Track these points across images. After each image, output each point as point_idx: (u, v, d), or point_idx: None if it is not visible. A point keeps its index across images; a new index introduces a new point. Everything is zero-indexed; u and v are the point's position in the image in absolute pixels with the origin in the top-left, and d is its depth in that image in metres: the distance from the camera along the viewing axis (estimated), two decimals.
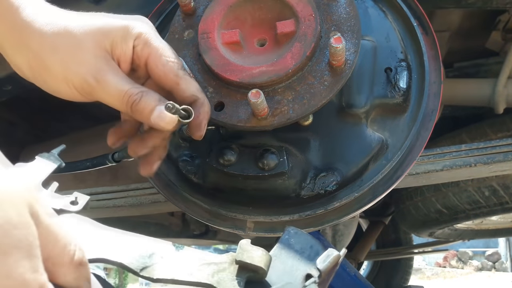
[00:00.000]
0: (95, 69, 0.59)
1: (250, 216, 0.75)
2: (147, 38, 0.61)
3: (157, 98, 0.60)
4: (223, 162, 0.74)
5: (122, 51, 0.61)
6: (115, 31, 0.60)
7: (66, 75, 0.59)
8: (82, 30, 0.59)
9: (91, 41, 0.59)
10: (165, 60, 0.62)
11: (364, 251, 2.82)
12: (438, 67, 0.80)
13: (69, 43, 0.59)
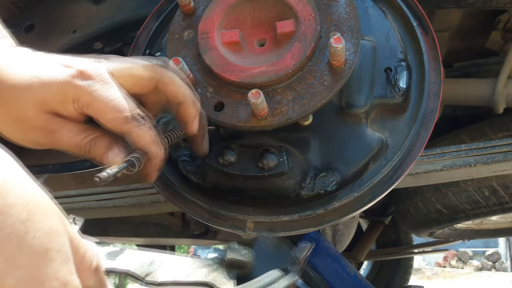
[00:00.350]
0: (44, 133, 0.60)
1: (250, 216, 0.75)
2: (83, 102, 0.59)
3: (104, 146, 0.61)
4: (223, 162, 0.74)
5: (66, 113, 0.60)
6: (51, 99, 0.59)
7: (21, 139, 0.62)
8: (23, 100, 0.58)
9: (32, 109, 0.59)
10: (107, 119, 0.60)
11: (364, 251, 2.82)
12: (438, 67, 0.80)
13: (15, 113, 0.59)
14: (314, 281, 1.39)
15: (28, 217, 0.33)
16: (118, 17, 1.16)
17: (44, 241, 0.34)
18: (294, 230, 0.77)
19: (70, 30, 1.18)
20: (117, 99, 0.60)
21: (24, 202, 0.34)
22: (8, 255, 0.32)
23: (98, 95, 0.59)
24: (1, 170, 0.33)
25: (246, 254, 0.54)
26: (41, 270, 0.34)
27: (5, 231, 0.32)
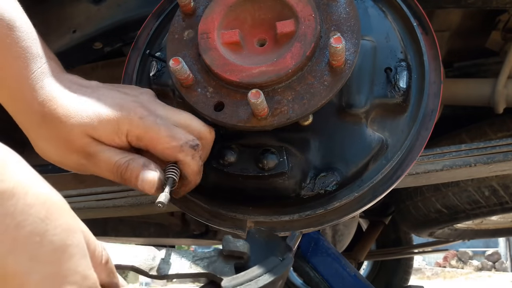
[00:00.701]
0: (85, 155, 0.64)
1: (250, 216, 0.75)
2: (137, 134, 0.64)
3: (141, 163, 0.63)
4: (223, 162, 0.74)
5: (114, 142, 0.64)
6: (103, 127, 0.63)
7: (60, 161, 0.66)
8: (71, 124, 0.62)
9: (79, 132, 0.62)
10: (161, 148, 0.65)
11: (364, 251, 2.82)
12: (438, 67, 0.80)
13: (60, 136, 0.63)
14: (314, 281, 1.39)
15: (47, 215, 0.35)
16: (118, 17, 1.16)
17: (63, 238, 0.36)
18: (294, 230, 0.77)
19: (70, 30, 1.18)
20: (169, 128, 0.65)
21: (42, 201, 0.35)
22: (31, 253, 0.34)
23: (151, 126, 0.64)
24: (17, 172, 0.35)
25: (242, 245, 0.57)
26: (63, 265, 0.36)
27: (27, 229, 0.34)
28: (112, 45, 1.22)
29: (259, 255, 0.59)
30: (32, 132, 0.65)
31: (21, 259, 0.33)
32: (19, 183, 0.34)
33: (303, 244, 1.44)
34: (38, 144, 0.66)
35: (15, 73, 0.61)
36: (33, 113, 0.62)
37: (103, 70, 1.47)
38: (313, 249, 1.42)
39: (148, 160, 0.65)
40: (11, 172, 0.34)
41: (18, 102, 0.63)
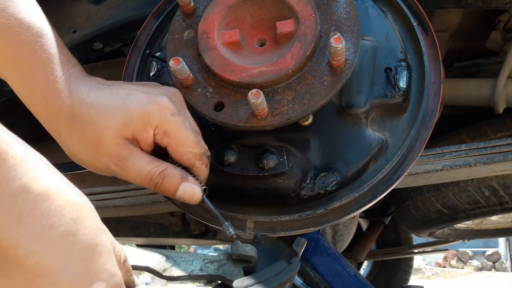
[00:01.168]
0: (116, 158, 0.64)
1: (250, 216, 0.75)
2: (166, 129, 0.65)
3: (179, 177, 0.65)
4: (223, 162, 0.74)
5: (143, 138, 0.65)
6: (135, 122, 0.64)
7: (91, 164, 0.67)
8: (104, 123, 0.63)
9: (111, 133, 0.63)
10: (184, 151, 0.66)
11: (364, 251, 2.82)
12: (438, 67, 0.80)
13: (91, 137, 0.64)
14: (314, 281, 1.39)
15: (78, 216, 0.38)
16: (118, 17, 1.16)
17: (93, 237, 0.38)
18: (294, 230, 0.77)
19: (70, 30, 1.18)
20: (196, 135, 0.68)
21: (72, 203, 0.38)
22: (65, 251, 0.36)
23: (181, 126, 0.65)
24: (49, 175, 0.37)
25: (250, 249, 0.59)
26: (94, 263, 0.38)
27: (61, 229, 0.36)
28: (112, 45, 1.22)
29: (266, 259, 0.61)
30: (63, 135, 0.65)
31: (56, 256, 0.35)
32: (52, 185, 0.36)
33: None
34: (69, 148, 0.66)
35: (44, 79, 0.63)
36: (63, 116, 0.64)
37: (103, 70, 1.47)
38: (313, 249, 1.42)
39: (183, 171, 0.66)
40: (44, 175, 0.36)
41: (47, 107, 0.64)
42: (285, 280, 0.57)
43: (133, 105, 0.64)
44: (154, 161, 0.65)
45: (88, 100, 0.64)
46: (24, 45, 0.62)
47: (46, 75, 0.63)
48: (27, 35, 0.61)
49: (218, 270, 0.56)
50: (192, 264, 0.56)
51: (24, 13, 0.61)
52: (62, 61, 0.65)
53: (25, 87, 0.64)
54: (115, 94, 0.65)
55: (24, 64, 0.62)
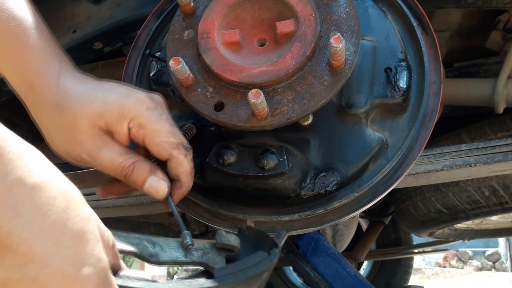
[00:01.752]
0: (89, 147, 0.66)
1: (250, 216, 0.75)
2: (140, 122, 0.66)
3: (147, 170, 0.66)
4: (223, 162, 0.74)
5: (117, 130, 0.67)
6: (109, 113, 0.66)
7: (65, 149, 0.68)
8: (80, 110, 0.66)
9: (86, 121, 0.65)
10: (159, 141, 0.66)
11: (364, 251, 2.82)
12: (438, 67, 0.80)
13: (69, 123, 0.66)
14: (314, 281, 1.39)
15: (68, 206, 0.40)
16: (118, 17, 1.16)
17: (81, 225, 0.41)
18: (294, 230, 0.77)
19: (70, 30, 1.18)
20: (171, 125, 0.68)
21: (63, 194, 0.40)
22: (55, 238, 0.39)
23: (156, 118, 0.67)
24: (42, 167, 0.40)
25: (233, 239, 0.61)
26: (81, 248, 0.41)
27: (52, 218, 0.39)
28: (112, 45, 1.22)
29: (248, 250, 0.64)
30: (44, 121, 0.68)
31: (46, 243, 0.38)
32: (45, 178, 0.39)
33: (303, 244, 1.44)
34: (48, 134, 0.68)
35: (36, 69, 0.66)
36: (47, 103, 0.66)
37: (103, 70, 1.47)
38: (313, 249, 1.42)
39: (154, 165, 0.67)
40: (38, 169, 0.39)
41: (35, 94, 0.66)
42: (263, 270, 0.60)
43: (111, 97, 0.66)
44: (126, 152, 0.67)
45: (72, 90, 0.67)
46: (19, 38, 0.65)
47: (38, 65, 0.66)
48: (22, 28, 0.65)
49: (202, 257, 0.58)
50: (178, 250, 0.58)
51: (17, 8, 0.65)
52: (54, 54, 0.68)
53: (17, 76, 0.67)
54: (97, 87, 0.68)
55: (18, 55, 0.65)
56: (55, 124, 0.67)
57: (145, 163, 0.67)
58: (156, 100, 0.70)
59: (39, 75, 0.66)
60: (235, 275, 0.56)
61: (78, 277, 0.40)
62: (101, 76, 0.71)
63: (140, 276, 0.51)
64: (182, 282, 0.52)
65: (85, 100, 0.66)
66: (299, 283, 3.42)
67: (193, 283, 0.52)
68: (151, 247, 0.57)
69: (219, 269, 0.57)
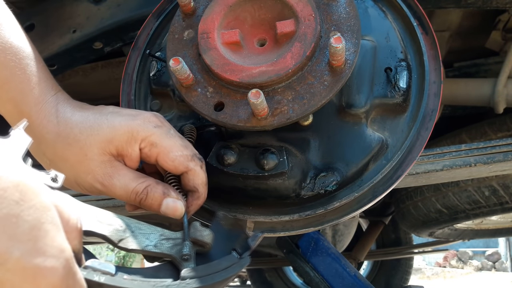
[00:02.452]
0: (101, 176, 0.65)
1: (250, 216, 0.75)
2: (152, 140, 0.66)
3: (161, 192, 0.66)
4: (223, 162, 0.74)
5: (128, 153, 0.66)
6: (119, 137, 0.65)
7: (76, 180, 0.67)
8: (88, 139, 0.65)
9: (96, 149, 0.65)
10: (174, 156, 0.66)
11: (364, 251, 2.82)
12: (438, 67, 0.80)
13: (77, 154, 0.65)
14: (314, 281, 1.39)
15: (21, 197, 0.38)
16: (118, 17, 1.16)
17: (37, 216, 0.39)
18: (294, 230, 0.77)
19: (70, 30, 1.18)
20: (182, 139, 0.69)
21: (15, 184, 0.38)
22: (10, 232, 0.37)
23: (166, 134, 0.67)
24: None
25: (207, 235, 0.60)
26: (41, 241, 0.39)
27: (3, 211, 0.37)
28: (112, 45, 1.22)
29: (221, 243, 0.63)
30: (48, 154, 0.66)
31: (1, 239, 0.36)
32: None
33: (303, 244, 1.44)
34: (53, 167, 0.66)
35: (33, 99, 0.65)
36: (49, 135, 0.65)
37: (103, 70, 1.47)
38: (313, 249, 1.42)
39: (165, 186, 0.67)
40: None
41: (34, 127, 0.65)
42: (231, 275, 0.58)
43: (116, 121, 0.66)
44: (138, 177, 0.66)
45: (73, 119, 0.66)
46: (15, 67, 0.64)
47: (35, 95, 0.66)
48: (18, 58, 0.65)
49: (172, 249, 0.58)
50: (149, 238, 0.57)
51: (13, 37, 0.64)
52: (50, 84, 0.68)
53: (14, 107, 0.66)
54: (98, 113, 0.67)
55: (15, 85, 0.65)
56: (61, 157, 0.66)
57: (157, 186, 0.66)
58: (160, 117, 0.70)
59: (37, 106, 0.65)
60: (202, 280, 0.55)
61: (40, 271, 0.38)
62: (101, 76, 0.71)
63: (106, 269, 0.48)
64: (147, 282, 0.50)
65: (91, 128, 0.65)
66: (299, 283, 3.42)
67: (158, 284, 0.51)
68: (122, 230, 0.55)
69: (186, 271, 0.55)
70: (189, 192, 0.69)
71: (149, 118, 0.68)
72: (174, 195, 0.66)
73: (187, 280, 0.53)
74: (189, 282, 0.53)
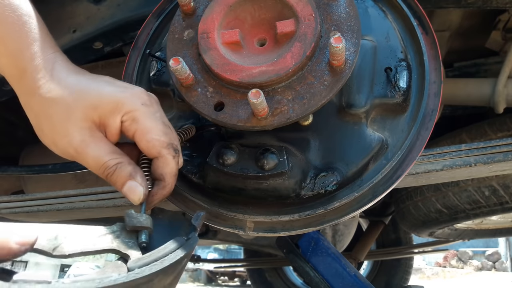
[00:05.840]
0: (77, 141, 0.65)
1: (250, 216, 0.75)
2: (135, 116, 0.66)
3: (128, 173, 0.65)
4: (223, 162, 0.74)
5: (110, 123, 0.66)
6: (104, 105, 0.65)
7: (54, 139, 0.66)
8: (75, 102, 0.65)
9: (79, 113, 0.64)
10: (150, 137, 0.66)
11: (364, 251, 2.82)
12: (438, 67, 0.80)
13: (61, 113, 0.64)
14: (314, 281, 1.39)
15: None
16: (118, 16, 1.16)
17: None
18: (294, 230, 0.77)
19: (70, 30, 1.18)
20: (164, 125, 0.68)
21: None
22: None
23: (150, 115, 0.66)
24: None
25: (145, 220, 0.58)
26: None
27: None
28: (112, 45, 1.22)
29: (163, 234, 0.60)
30: (35, 109, 0.66)
31: None
32: None
33: (303, 244, 1.44)
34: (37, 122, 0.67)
35: (30, 55, 0.65)
36: (40, 91, 0.65)
37: (103, 70, 1.47)
38: (313, 249, 1.42)
39: (135, 168, 0.66)
40: None
41: (27, 80, 0.65)
42: (181, 257, 0.55)
43: (106, 89, 0.66)
44: (113, 152, 0.66)
45: (67, 80, 0.66)
46: (14, 23, 0.64)
47: (33, 51, 0.66)
48: (17, 14, 0.65)
49: (112, 243, 0.55)
50: (84, 238, 0.54)
51: None
52: (49, 42, 0.68)
53: (10, 60, 0.66)
54: (91, 80, 0.67)
55: (12, 40, 0.65)
56: (45, 113, 0.65)
57: (128, 166, 0.66)
58: (153, 97, 0.70)
59: (33, 62, 0.65)
60: (151, 267, 0.50)
61: None
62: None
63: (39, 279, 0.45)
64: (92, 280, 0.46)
65: (80, 91, 0.65)
66: (299, 283, 3.42)
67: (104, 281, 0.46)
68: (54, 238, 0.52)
69: (133, 261, 0.52)
70: (156, 181, 0.68)
71: (139, 94, 0.67)
72: (140, 180, 0.65)
73: (135, 271, 0.49)
74: (138, 272, 0.49)
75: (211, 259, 5.04)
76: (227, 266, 6.94)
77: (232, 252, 12.85)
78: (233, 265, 5.12)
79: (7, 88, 1.25)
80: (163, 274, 0.52)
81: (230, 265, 5.58)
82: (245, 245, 2.96)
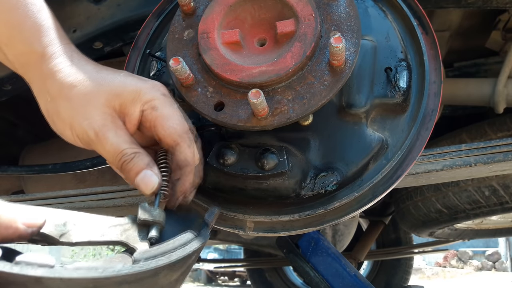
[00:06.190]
0: (98, 125, 0.64)
1: (250, 216, 0.75)
2: (155, 104, 0.66)
3: (146, 162, 0.64)
4: (223, 162, 0.74)
5: (130, 112, 0.66)
6: (126, 94, 0.65)
7: (72, 122, 0.65)
8: (98, 87, 0.65)
9: (102, 98, 0.65)
10: (169, 124, 0.66)
11: (364, 251, 2.82)
12: (438, 67, 0.80)
13: (82, 96, 0.64)
14: (314, 281, 1.39)
15: None
16: (118, 16, 1.16)
17: None
18: (294, 230, 0.77)
19: (70, 30, 1.18)
20: (182, 113, 0.68)
21: None
22: None
23: (170, 104, 0.67)
24: None
25: (158, 214, 0.56)
26: None
27: None
28: (112, 45, 1.22)
29: (175, 229, 0.58)
30: (52, 91, 0.66)
31: None
32: None
33: (303, 244, 1.44)
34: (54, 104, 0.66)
35: (47, 40, 0.66)
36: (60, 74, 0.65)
37: None
38: (313, 249, 1.42)
39: (153, 161, 0.65)
40: None
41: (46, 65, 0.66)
42: (190, 253, 0.53)
43: (128, 79, 0.67)
44: (133, 142, 0.65)
45: (87, 66, 0.67)
46: (28, 11, 0.66)
47: (50, 38, 0.67)
48: (31, 3, 0.66)
49: (121, 235, 0.53)
50: (94, 228, 0.52)
51: None
52: (63, 34, 0.69)
53: (26, 47, 0.66)
54: (112, 71, 0.68)
55: (28, 27, 0.66)
56: (65, 95, 0.65)
57: (145, 156, 0.65)
58: (168, 92, 0.70)
59: (51, 47, 0.66)
60: (158, 260, 0.49)
61: None
62: None
63: (42, 262, 0.42)
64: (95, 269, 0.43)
65: (103, 79, 0.66)
66: (299, 283, 3.42)
67: (108, 270, 0.43)
68: (62, 224, 0.50)
69: (140, 252, 0.50)
70: (181, 168, 0.66)
71: (159, 86, 0.68)
72: (156, 171, 0.64)
73: (140, 263, 0.47)
74: (143, 265, 0.47)
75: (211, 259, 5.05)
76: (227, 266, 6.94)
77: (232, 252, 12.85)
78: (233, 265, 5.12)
79: (7, 88, 1.25)
80: (169, 269, 0.50)
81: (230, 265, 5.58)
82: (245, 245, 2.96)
